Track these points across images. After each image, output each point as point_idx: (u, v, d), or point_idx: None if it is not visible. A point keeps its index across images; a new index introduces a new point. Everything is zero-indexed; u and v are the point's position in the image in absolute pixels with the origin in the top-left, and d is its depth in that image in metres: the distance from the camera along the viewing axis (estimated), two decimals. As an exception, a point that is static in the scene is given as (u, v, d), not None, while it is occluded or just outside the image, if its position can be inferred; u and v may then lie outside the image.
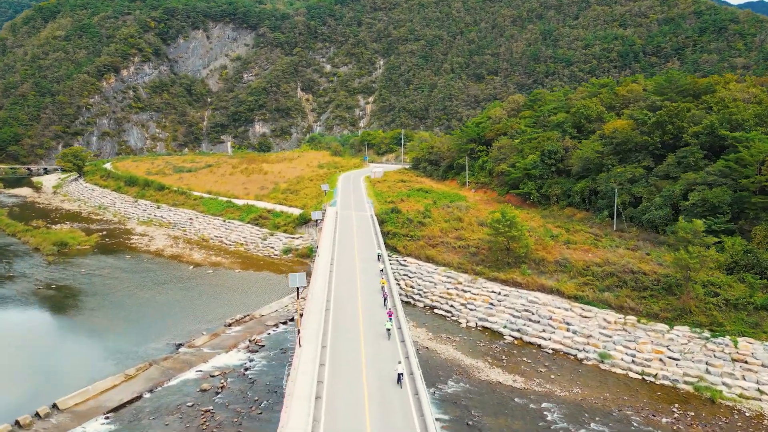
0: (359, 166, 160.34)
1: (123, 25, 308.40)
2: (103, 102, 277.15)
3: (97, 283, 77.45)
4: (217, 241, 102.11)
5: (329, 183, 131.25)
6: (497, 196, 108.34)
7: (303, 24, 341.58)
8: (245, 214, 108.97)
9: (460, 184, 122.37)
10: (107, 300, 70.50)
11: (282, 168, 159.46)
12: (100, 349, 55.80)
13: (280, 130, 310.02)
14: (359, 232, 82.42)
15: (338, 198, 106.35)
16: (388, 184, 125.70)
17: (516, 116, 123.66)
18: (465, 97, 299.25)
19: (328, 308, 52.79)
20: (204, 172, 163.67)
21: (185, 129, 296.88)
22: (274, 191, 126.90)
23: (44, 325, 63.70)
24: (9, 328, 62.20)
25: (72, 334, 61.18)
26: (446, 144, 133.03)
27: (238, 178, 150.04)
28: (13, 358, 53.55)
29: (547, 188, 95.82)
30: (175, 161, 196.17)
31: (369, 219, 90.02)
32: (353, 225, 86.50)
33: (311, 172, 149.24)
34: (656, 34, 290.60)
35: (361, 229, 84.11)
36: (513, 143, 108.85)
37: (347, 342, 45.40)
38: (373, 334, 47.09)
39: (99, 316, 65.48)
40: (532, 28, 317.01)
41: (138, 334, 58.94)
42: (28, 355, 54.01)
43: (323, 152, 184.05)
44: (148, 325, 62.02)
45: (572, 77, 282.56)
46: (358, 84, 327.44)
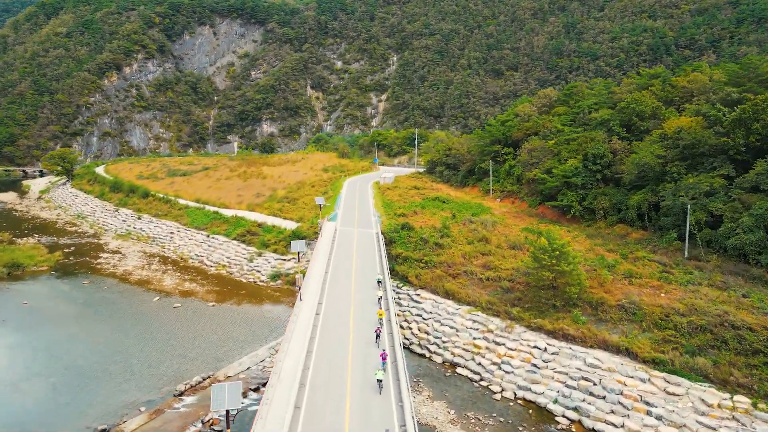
0: (368, 169, 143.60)
1: (126, 21, 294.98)
2: (104, 101, 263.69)
3: (31, 321, 61.58)
4: (197, 261, 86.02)
5: (332, 189, 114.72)
6: (528, 207, 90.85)
7: (313, 19, 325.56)
8: (232, 229, 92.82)
9: (482, 192, 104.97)
10: (25, 351, 54.41)
11: (283, 172, 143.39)
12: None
13: (289, 130, 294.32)
14: (361, 259, 65.29)
15: (340, 210, 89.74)
16: (400, 191, 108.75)
17: (548, 113, 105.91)
18: (483, 94, 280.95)
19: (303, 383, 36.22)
20: (199, 176, 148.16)
21: (190, 129, 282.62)
22: (270, 199, 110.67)
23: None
24: None
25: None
26: (466, 145, 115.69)
27: (233, 183, 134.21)
28: None
29: (592, 200, 78.14)
30: (172, 163, 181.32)
31: (374, 239, 73.13)
32: (353, 249, 69.42)
33: (314, 177, 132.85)
34: (689, 25, 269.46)
35: (364, 255, 67.12)
36: (547, 145, 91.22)
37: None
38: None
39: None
40: (554, 21, 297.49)
41: (45, 412, 42.69)
42: None
43: (330, 154, 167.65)
44: (66, 398, 45.57)
45: (598, 72, 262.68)
46: (370, 81, 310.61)
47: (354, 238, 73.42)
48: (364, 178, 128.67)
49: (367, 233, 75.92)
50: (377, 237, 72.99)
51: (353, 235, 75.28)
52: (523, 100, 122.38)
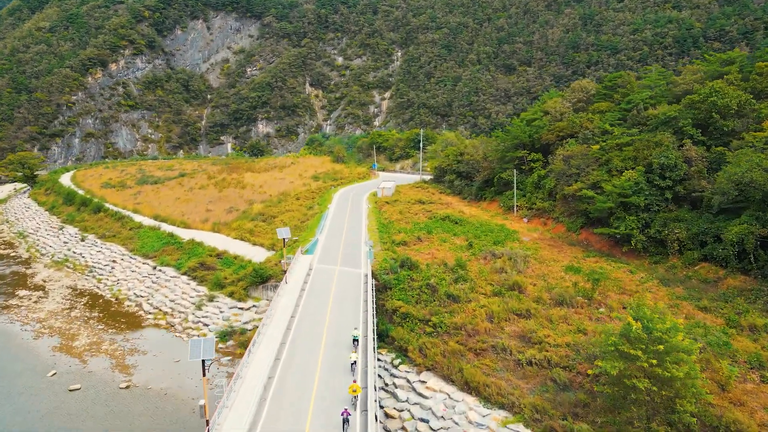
0: (365, 176, 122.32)
1: (114, 15, 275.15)
2: (87, 99, 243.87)
3: None
4: (134, 304, 65.09)
5: (319, 203, 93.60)
6: (566, 231, 69.29)
7: (312, 12, 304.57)
8: (185, 258, 71.85)
9: (503, 209, 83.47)
10: None
11: (267, 179, 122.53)
12: None
13: (286, 130, 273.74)
14: (337, 322, 43.87)
15: (322, 235, 68.65)
16: (401, 206, 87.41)
17: (586, 110, 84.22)
18: (493, 91, 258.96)
19: None
20: (171, 185, 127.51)
21: (180, 129, 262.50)
22: (243, 216, 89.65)
23: None
24: None
25: None
26: (482, 149, 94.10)
27: (207, 193, 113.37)
28: None
29: (660, 228, 56.59)
30: (149, 168, 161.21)
31: (361, 284, 51.80)
32: (329, 302, 47.96)
33: (301, 187, 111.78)
34: (717, 16, 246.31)
35: (344, 311, 45.72)
36: (590, 151, 69.62)
37: None
38: None
39: None
40: (570, 13, 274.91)
41: None
42: None
43: (323, 158, 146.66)
44: None
45: (619, 67, 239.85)
46: (373, 78, 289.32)
47: (333, 284, 52.00)
48: (359, 189, 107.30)
49: (353, 275, 54.52)
50: (366, 281, 51.67)
51: (333, 277, 53.90)
52: (553, 94, 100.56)
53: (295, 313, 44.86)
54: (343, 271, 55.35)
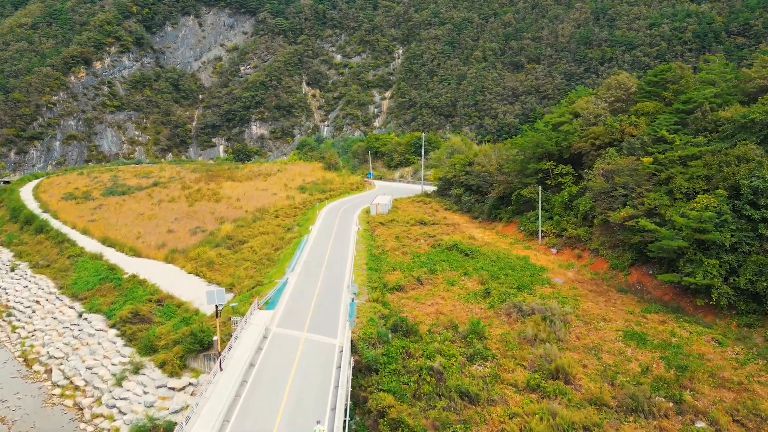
0: (359, 187, 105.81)
1: (100, 10, 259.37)
2: (69, 99, 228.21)
3: None
4: (43, 370, 49.03)
5: (301, 223, 77.32)
6: (610, 269, 52.86)
7: (309, 8, 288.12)
8: (121, 302, 55.69)
9: (524, 234, 66.93)
10: None
11: (247, 190, 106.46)
12: None
13: (281, 131, 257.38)
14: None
15: (293, 275, 52.38)
16: (398, 229, 71.08)
17: (626, 111, 67.54)
18: (500, 90, 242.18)
19: None
20: (139, 196, 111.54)
21: (169, 131, 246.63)
22: (207, 241, 73.55)
23: None
24: None
25: None
26: (495, 158, 77.43)
27: (176, 208, 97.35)
28: None
29: (755, 275, 40.20)
30: (124, 175, 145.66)
31: (333, 366, 35.30)
32: (278, 412, 31.42)
33: (284, 200, 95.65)
34: (740, 9, 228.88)
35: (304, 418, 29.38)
36: (641, 165, 53.12)
37: None
38: None
39: None
40: (581, 7, 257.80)
41: None
42: None
43: (314, 165, 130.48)
44: None
45: (635, 64, 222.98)
46: (373, 76, 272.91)
47: (293, 367, 35.33)
48: (350, 204, 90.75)
49: (324, 348, 37.95)
50: (341, 359, 35.20)
51: (295, 353, 37.31)
52: (582, 92, 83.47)
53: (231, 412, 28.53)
54: (312, 342, 38.86)
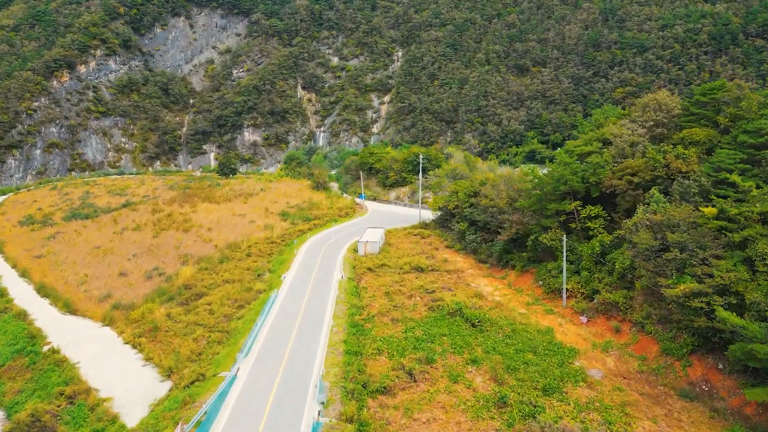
0: (349, 213, 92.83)
1: (86, 11, 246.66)
2: (51, 105, 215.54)
3: None
4: None
5: (276, 265, 64.64)
6: (661, 355, 40.04)
7: (305, 8, 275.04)
8: (29, 390, 43.03)
9: (544, 290, 53.95)
10: None
11: (222, 216, 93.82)
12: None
13: (275, 138, 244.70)
14: None
15: (244, 367, 39.70)
16: (389, 279, 58.35)
17: (667, 138, 54.54)
18: (504, 94, 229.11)
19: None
20: (103, 221, 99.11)
21: (158, 138, 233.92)
22: (161, 291, 61.02)
23: None
24: None
25: None
26: (506, 190, 64.38)
27: (139, 238, 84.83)
28: None
29: None
30: (98, 191, 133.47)
31: None
32: None
33: (261, 229, 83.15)
34: (758, 9, 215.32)
35: None
36: (701, 218, 40.17)
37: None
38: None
39: None
40: (588, 7, 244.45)
41: None
42: None
43: (302, 183, 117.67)
44: None
45: (647, 67, 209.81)
46: (372, 80, 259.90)
47: None
48: (337, 237, 77.76)
49: None
50: None
51: None
52: (610, 111, 69.69)
53: None
54: None
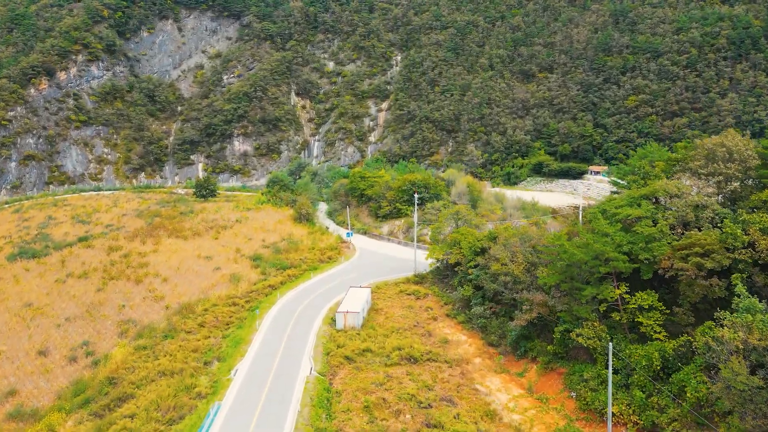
0: (332, 258, 78.51)
1: (68, 15, 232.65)
2: (28, 115, 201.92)
3: None
4: None
5: (222, 360, 50.56)
6: None
7: (300, 10, 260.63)
8: None
9: (578, 405, 39.80)
10: None
11: (185, 259, 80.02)
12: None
13: (266, 148, 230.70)
14: None
15: None
16: (370, 378, 44.36)
17: (743, 199, 40.42)
18: (509, 102, 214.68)
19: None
20: (50, 264, 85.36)
21: (143, 148, 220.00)
22: (77, 389, 47.33)
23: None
24: None
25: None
26: (522, 253, 49.91)
27: (80, 292, 71.23)
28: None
29: None
30: (63, 214, 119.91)
31: None
32: None
33: (227, 281, 69.39)
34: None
35: None
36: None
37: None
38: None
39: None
40: (598, 9, 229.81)
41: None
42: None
43: (283, 212, 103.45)
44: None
45: (662, 73, 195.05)
46: (369, 86, 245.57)
47: None
48: (312, 296, 63.47)
49: None
50: None
51: None
52: (656, 152, 54.36)
53: None
54: None
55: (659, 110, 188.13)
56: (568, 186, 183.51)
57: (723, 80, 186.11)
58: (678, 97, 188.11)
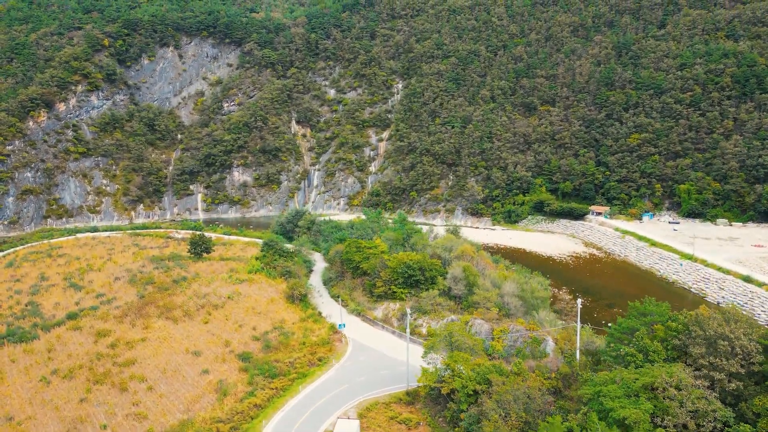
0: (324, 359, 75.65)
1: (68, 43, 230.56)
2: (26, 148, 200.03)
3: None
4: None
5: None
6: None
7: (301, 37, 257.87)
8: None
9: None
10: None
11: (173, 355, 77.44)
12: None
13: (266, 178, 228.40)
14: None
15: None
16: None
17: (747, 402, 37.54)
18: (510, 136, 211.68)
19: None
20: (37, 351, 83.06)
21: (142, 179, 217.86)
22: None
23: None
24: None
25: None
26: (516, 413, 47.14)
27: (63, 401, 68.78)
28: None
29: None
30: (56, 275, 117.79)
31: None
32: None
33: (213, 393, 66.74)
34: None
35: None
36: None
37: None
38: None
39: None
40: (600, 41, 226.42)
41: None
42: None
43: (277, 286, 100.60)
44: None
45: (665, 111, 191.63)
46: (370, 114, 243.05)
47: None
48: (299, 421, 60.79)
49: None
50: None
51: None
52: (651, 308, 49.47)
53: None
54: None
55: (662, 150, 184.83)
56: (570, 227, 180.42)
57: (727, 120, 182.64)
58: (681, 137, 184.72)
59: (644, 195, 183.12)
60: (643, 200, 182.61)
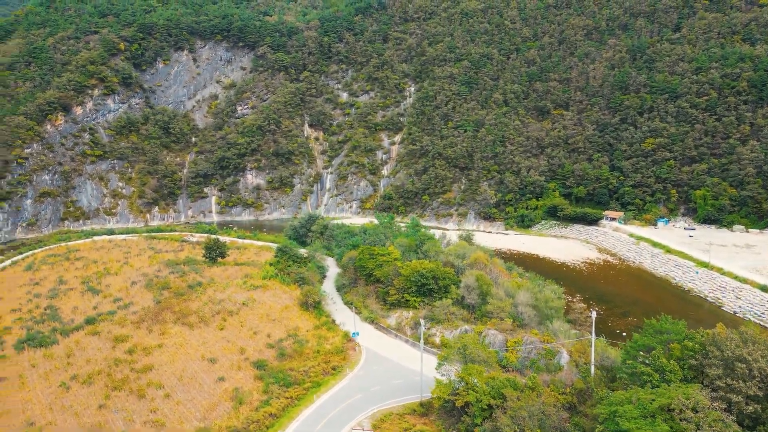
0: (338, 368, 76.23)
1: (84, 47, 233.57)
2: (44, 151, 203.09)
3: None
4: None
5: None
6: None
7: (314, 40, 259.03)
8: None
9: None
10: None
11: (189, 361, 78.56)
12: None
13: (279, 181, 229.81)
14: None
15: None
16: None
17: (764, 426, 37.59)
18: (523, 140, 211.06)
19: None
20: (57, 355, 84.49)
21: (157, 181, 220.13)
22: None
23: None
24: None
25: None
26: (531, 430, 47.44)
27: (82, 408, 69.77)
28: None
29: None
30: (74, 279, 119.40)
31: None
32: None
33: (229, 401, 67.59)
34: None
35: None
36: None
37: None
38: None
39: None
40: (615, 44, 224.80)
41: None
42: None
43: (291, 291, 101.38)
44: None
45: (680, 116, 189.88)
46: (382, 118, 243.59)
47: None
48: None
49: None
50: None
51: None
52: (667, 325, 48.68)
53: None
54: None
55: (677, 155, 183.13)
56: (583, 233, 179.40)
57: (744, 125, 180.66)
58: (697, 141, 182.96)
59: (659, 200, 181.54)
60: (658, 206, 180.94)
